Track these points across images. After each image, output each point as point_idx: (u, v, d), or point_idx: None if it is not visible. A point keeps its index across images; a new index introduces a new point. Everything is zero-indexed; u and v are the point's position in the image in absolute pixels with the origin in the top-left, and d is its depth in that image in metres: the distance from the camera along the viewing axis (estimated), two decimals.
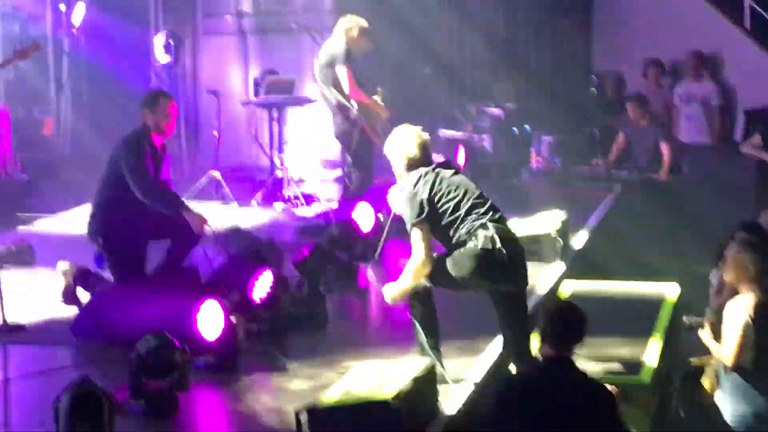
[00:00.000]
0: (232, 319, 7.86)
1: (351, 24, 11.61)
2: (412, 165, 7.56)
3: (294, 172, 13.30)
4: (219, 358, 7.74)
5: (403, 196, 7.46)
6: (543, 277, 9.88)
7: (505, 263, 7.37)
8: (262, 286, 8.50)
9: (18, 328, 8.63)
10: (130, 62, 14.58)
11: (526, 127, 14.95)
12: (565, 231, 10.78)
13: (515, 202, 11.84)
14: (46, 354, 8.18)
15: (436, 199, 7.40)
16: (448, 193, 7.44)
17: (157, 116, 9.13)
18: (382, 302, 7.74)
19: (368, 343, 8.40)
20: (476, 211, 7.43)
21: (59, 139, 14.70)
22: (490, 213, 7.46)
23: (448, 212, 7.41)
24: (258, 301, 8.46)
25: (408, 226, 7.43)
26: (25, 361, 8.12)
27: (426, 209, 7.36)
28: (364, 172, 11.59)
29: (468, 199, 7.46)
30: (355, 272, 9.88)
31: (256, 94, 13.54)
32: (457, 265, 7.37)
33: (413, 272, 7.38)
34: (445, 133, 14.56)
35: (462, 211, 7.41)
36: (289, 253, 9.67)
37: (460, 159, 13.22)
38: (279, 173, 12.95)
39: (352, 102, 11.40)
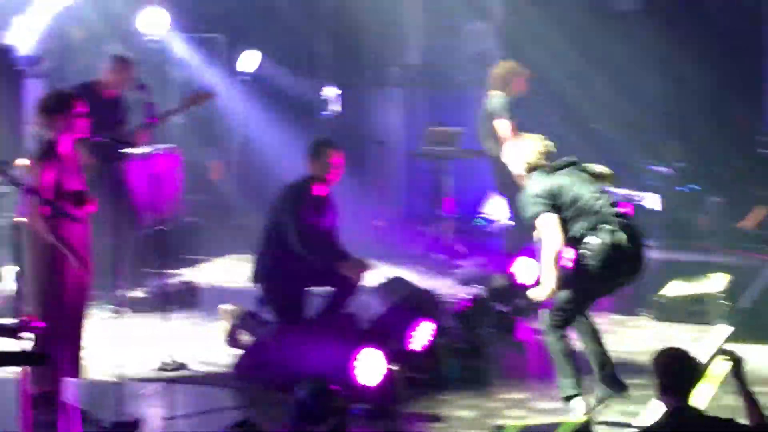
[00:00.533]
0: (391, 367, 7.88)
1: (506, 72, 11.61)
2: (531, 170, 7.98)
3: (456, 223, 13.33)
4: (376, 406, 7.76)
5: (524, 197, 7.88)
6: (707, 339, 9.68)
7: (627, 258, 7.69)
8: (421, 335, 8.52)
9: (182, 368, 8.81)
10: (298, 111, 14.82)
11: (695, 186, 14.73)
12: (730, 291, 10.57)
13: (683, 262, 11.66)
14: (208, 394, 8.32)
15: (555, 193, 7.77)
16: (569, 188, 7.81)
17: (321, 165, 9.27)
18: (539, 356, 7.70)
19: (525, 397, 8.33)
20: (596, 207, 7.75)
21: (227, 184, 14.99)
22: (610, 209, 7.78)
23: (567, 207, 7.76)
24: (417, 350, 8.47)
25: (534, 222, 7.81)
26: (188, 400, 8.28)
27: (547, 201, 7.74)
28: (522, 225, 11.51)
29: (588, 196, 7.80)
30: (514, 325, 9.85)
31: (421, 145, 13.62)
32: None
33: (550, 260, 7.66)
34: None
35: (582, 206, 7.76)
36: (449, 304, 9.69)
37: None
38: (442, 225, 13.02)
39: None
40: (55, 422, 7.03)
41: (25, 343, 5.98)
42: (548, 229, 7.71)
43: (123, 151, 8.77)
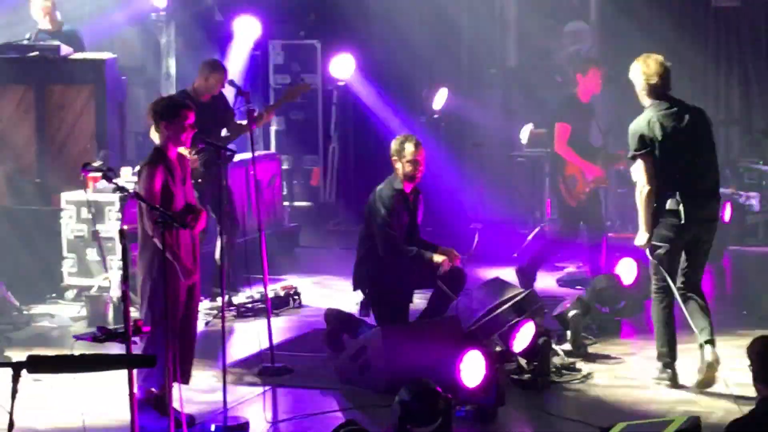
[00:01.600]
0: (494, 369, 7.86)
1: (576, 70, 11.46)
2: (651, 93, 8.22)
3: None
4: (480, 408, 7.75)
5: (632, 127, 8.15)
6: None
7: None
8: (523, 337, 8.49)
9: (285, 371, 8.88)
10: (397, 113, 14.84)
11: None
12: None
13: None
14: (311, 397, 8.37)
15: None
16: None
17: (403, 163, 9.32)
18: (642, 355, 7.63)
19: (629, 398, 8.27)
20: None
21: (326, 189, 15.08)
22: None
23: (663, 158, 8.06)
24: (519, 351, 8.45)
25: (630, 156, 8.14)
26: (291, 403, 8.34)
27: (647, 145, 8.07)
28: (565, 226, 11.39)
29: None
30: (617, 326, 9.79)
31: (520, 147, 13.59)
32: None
33: (644, 201, 8.05)
34: None
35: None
36: (551, 305, 9.66)
37: (726, 215, 12.91)
38: (543, 226, 12.97)
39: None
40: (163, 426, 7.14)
41: (134, 347, 6.08)
42: (641, 171, 7.99)
43: (225, 155, 8.87)
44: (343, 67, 14.57)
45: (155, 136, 10.35)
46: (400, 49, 14.71)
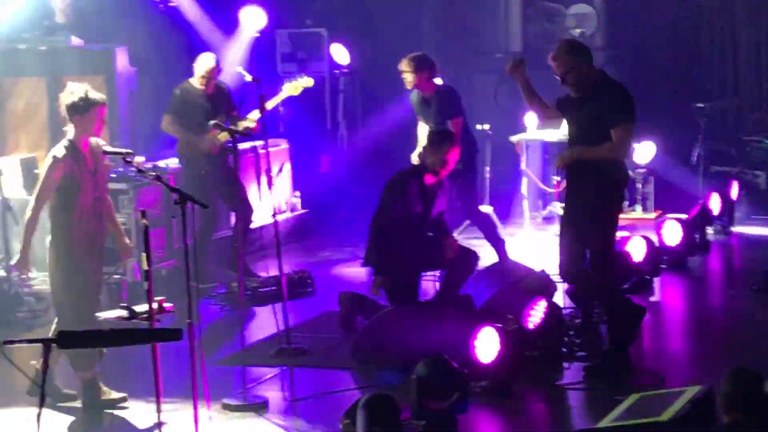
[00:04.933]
0: (508, 345, 7.98)
1: None
2: None
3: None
4: (495, 383, 7.88)
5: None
6: None
7: None
8: (536, 314, 8.60)
9: (301, 352, 9.00)
10: (401, 98, 14.93)
11: None
12: None
13: None
14: (328, 376, 8.49)
15: None
16: None
17: (436, 157, 9.42)
18: (655, 334, 7.71)
19: (643, 372, 8.38)
20: None
21: (335, 176, 15.17)
22: None
23: None
24: (533, 328, 8.56)
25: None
26: (309, 383, 8.47)
27: None
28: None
29: None
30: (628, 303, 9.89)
31: (528, 131, 13.66)
32: None
33: (603, 154, 8.19)
34: (717, 168, 14.40)
35: None
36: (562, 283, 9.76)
37: (734, 193, 13.02)
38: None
39: None
40: None
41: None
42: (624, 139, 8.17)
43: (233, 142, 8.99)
44: (343, 53, 14.68)
45: (170, 130, 10.59)
46: (406, 35, 14.81)
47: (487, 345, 7.92)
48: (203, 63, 11.12)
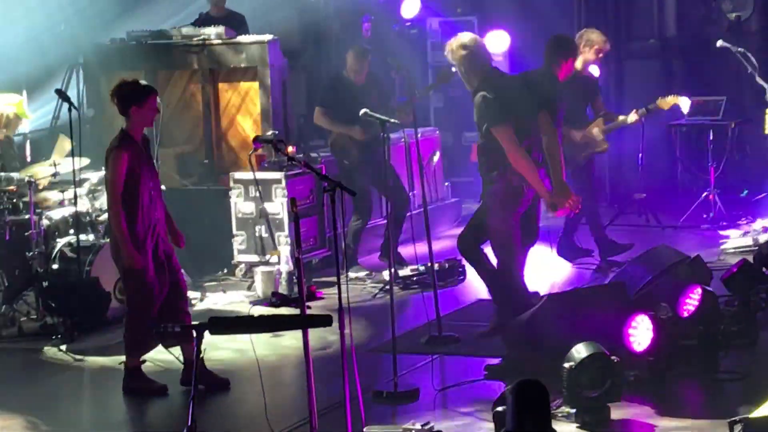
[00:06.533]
0: (662, 333, 7.85)
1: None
2: None
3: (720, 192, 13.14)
4: (648, 372, 7.76)
5: None
6: None
7: None
8: (691, 301, 8.44)
9: (453, 340, 9.00)
10: None
11: None
12: None
13: None
14: (478, 365, 8.45)
15: None
16: None
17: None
18: None
19: None
20: None
21: None
22: None
23: None
24: (687, 316, 8.40)
25: None
26: (459, 371, 8.47)
27: None
28: None
29: None
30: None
31: (680, 117, 13.43)
32: None
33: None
34: None
35: None
36: (718, 271, 9.59)
37: None
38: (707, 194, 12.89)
39: None
40: None
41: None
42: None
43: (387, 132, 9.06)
44: (498, 42, 14.59)
45: (322, 121, 10.71)
46: (556, 21, 14.65)
47: (641, 333, 7.80)
48: (354, 54, 11.22)
